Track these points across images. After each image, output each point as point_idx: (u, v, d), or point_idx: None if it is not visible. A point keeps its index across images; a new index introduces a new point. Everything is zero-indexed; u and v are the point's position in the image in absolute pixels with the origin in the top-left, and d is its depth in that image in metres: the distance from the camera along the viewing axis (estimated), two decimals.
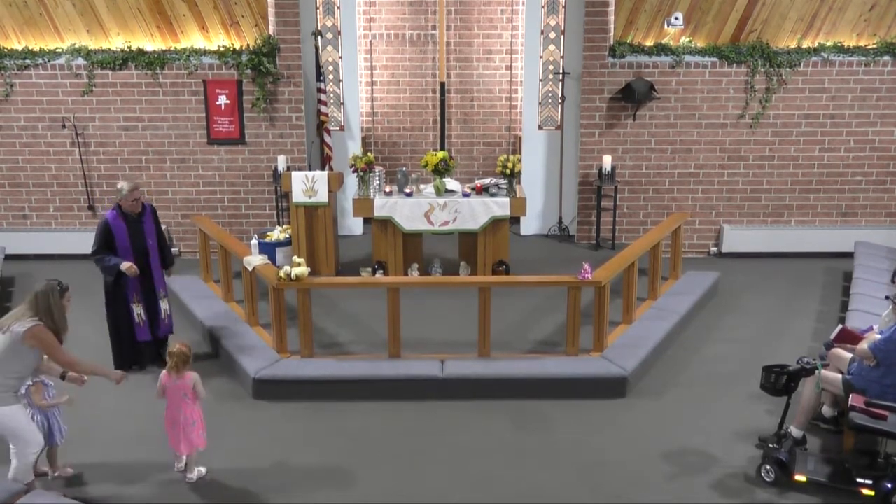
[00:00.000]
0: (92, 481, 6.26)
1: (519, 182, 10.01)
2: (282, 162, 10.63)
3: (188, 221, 10.80)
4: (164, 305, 7.92)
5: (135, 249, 7.63)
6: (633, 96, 10.45)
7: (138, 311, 7.77)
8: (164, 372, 6.16)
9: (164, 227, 8.23)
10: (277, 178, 10.44)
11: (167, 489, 6.17)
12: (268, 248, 9.69)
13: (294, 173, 9.72)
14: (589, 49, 10.61)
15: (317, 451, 6.68)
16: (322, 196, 9.69)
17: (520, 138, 11.79)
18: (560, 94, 11.21)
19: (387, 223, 9.65)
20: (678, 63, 10.59)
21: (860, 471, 6.05)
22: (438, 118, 11.54)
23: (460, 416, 7.17)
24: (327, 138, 10.93)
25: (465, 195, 9.65)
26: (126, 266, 7.51)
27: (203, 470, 6.29)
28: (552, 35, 11.13)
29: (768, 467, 6.17)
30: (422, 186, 9.86)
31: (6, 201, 10.99)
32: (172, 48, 10.60)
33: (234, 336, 8.18)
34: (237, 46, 10.61)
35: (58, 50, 10.52)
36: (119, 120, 10.75)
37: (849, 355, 6.61)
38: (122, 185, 7.60)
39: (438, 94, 11.39)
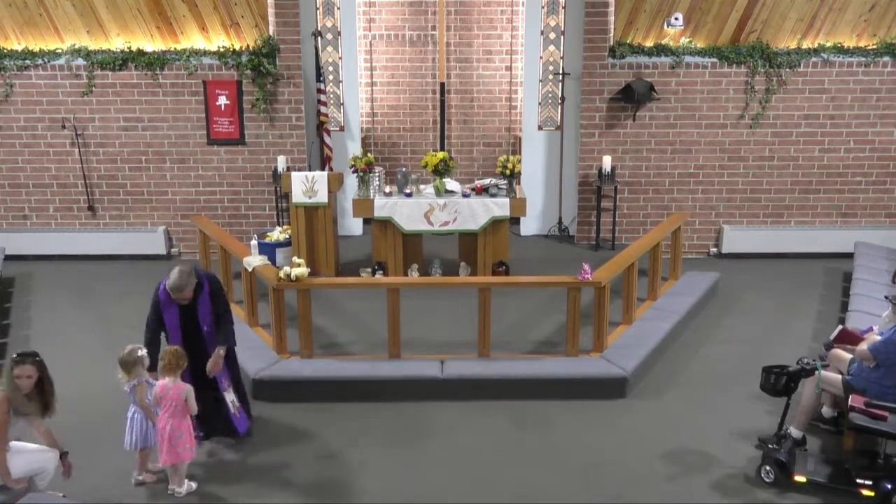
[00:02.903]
0: (92, 483, 6.26)
1: (519, 182, 10.01)
2: (282, 162, 10.63)
3: (188, 222, 10.80)
4: (229, 398, 6.55)
5: (184, 333, 6.43)
6: (632, 97, 10.45)
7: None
8: (159, 381, 6.02)
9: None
10: (277, 178, 10.43)
11: (163, 488, 6.18)
12: (267, 249, 9.68)
13: (294, 174, 9.72)
14: (589, 49, 10.61)
15: (316, 452, 6.67)
16: (322, 196, 9.69)
17: (520, 139, 11.79)
18: (560, 95, 11.21)
19: (387, 224, 9.65)
20: (678, 63, 10.59)
21: (860, 471, 6.05)
22: (438, 119, 11.54)
23: (460, 416, 7.17)
24: (327, 139, 10.93)
25: (465, 196, 9.65)
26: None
27: (194, 485, 6.19)
28: (552, 35, 11.13)
29: (768, 468, 6.17)
30: (422, 187, 9.86)
31: (6, 202, 10.98)
32: (172, 49, 10.60)
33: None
34: (237, 47, 10.61)
35: (57, 50, 10.52)
36: (119, 120, 10.75)
37: (849, 356, 6.61)
38: (171, 276, 6.31)
39: (438, 95, 11.39)
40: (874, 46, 10.49)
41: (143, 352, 6.12)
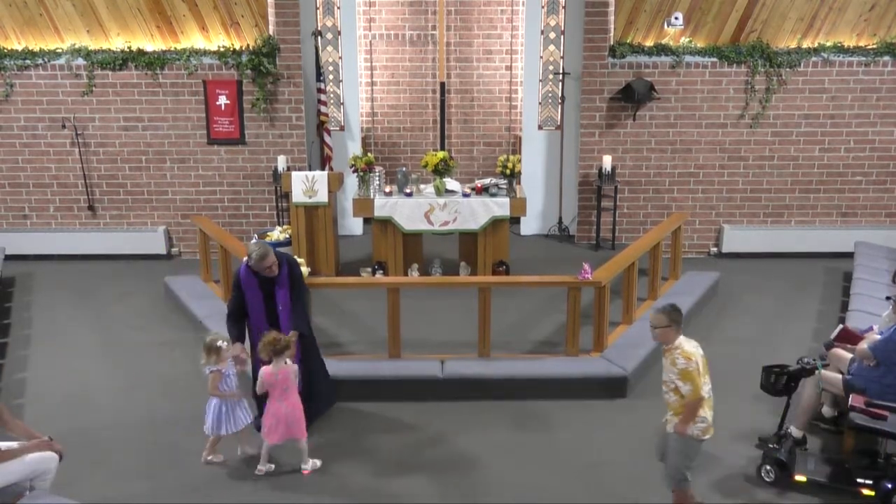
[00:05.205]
0: (93, 483, 6.27)
1: (519, 182, 10.01)
2: (282, 162, 10.63)
3: (188, 221, 10.80)
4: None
5: (267, 312, 6.66)
6: (633, 96, 10.45)
7: None
8: (265, 367, 6.21)
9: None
10: (277, 178, 10.43)
11: (164, 489, 6.18)
12: None
13: (294, 173, 9.72)
14: (589, 49, 10.61)
15: (315, 452, 6.67)
16: (322, 196, 9.69)
17: (520, 138, 11.79)
18: (560, 95, 11.21)
19: (387, 223, 9.65)
20: (678, 63, 10.59)
21: (860, 471, 6.05)
22: (438, 118, 11.54)
23: (460, 416, 7.17)
24: (327, 138, 10.93)
25: (465, 195, 9.65)
26: (233, 350, 6.51)
27: (318, 462, 6.43)
28: (552, 35, 11.13)
29: (768, 467, 6.17)
30: (422, 186, 9.86)
31: (6, 201, 10.98)
32: (172, 48, 10.60)
33: None
34: (237, 47, 10.61)
35: (58, 50, 10.52)
36: (119, 120, 10.75)
37: (849, 355, 6.62)
38: (251, 250, 6.55)
39: (438, 95, 11.39)
40: (874, 46, 10.49)
41: (222, 343, 6.33)
